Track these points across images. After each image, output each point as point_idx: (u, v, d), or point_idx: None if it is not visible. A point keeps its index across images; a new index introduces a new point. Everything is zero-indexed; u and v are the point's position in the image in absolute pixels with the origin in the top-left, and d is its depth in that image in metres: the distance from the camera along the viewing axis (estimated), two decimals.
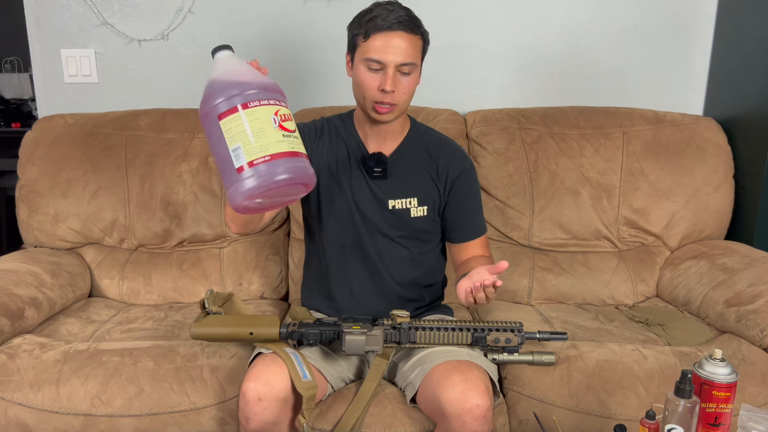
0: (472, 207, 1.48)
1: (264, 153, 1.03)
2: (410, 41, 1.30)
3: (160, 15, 2.04)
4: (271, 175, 1.03)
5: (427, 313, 1.50)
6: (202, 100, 1.11)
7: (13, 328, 1.49)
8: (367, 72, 1.32)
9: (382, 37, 1.29)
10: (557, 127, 1.91)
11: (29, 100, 3.79)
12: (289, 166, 1.04)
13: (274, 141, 1.04)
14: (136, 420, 1.35)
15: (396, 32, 1.29)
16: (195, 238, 1.88)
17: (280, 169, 1.03)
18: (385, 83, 1.29)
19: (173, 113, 1.95)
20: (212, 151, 1.11)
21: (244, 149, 1.03)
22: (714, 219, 1.90)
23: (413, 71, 1.33)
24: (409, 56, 1.30)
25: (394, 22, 1.29)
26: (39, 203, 1.86)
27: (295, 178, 1.05)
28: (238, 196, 1.05)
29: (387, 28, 1.29)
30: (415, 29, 1.32)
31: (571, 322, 1.67)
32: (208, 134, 1.10)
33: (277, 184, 1.04)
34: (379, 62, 1.30)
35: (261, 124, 1.04)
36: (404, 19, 1.30)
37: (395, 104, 1.33)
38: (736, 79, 1.97)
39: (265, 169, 1.03)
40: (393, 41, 1.29)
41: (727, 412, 1.02)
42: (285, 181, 1.04)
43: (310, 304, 1.55)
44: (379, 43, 1.29)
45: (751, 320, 1.47)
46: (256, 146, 1.03)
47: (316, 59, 2.07)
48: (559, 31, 2.07)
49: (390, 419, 1.30)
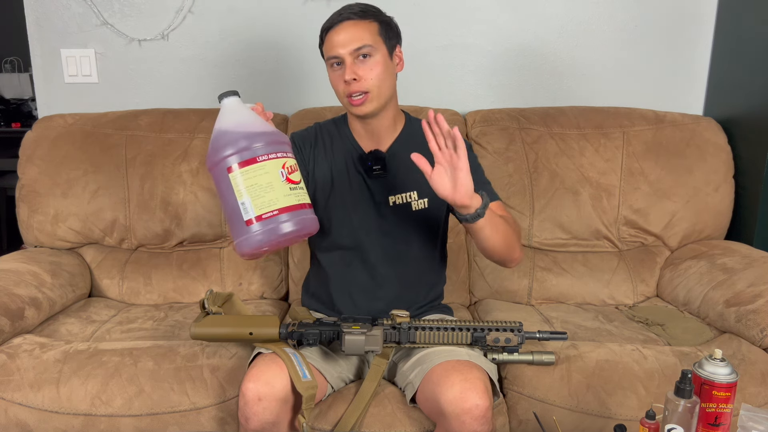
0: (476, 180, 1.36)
1: (272, 207, 1.07)
2: (359, 26, 1.33)
3: (160, 15, 2.04)
4: (279, 229, 1.07)
5: (426, 313, 1.50)
6: (210, 149, 1.13)
7: (13, 328, 1.49)
8: (332, 71, 1.35)
9: (332, 33, 1.34)
10: (557, 127, 1.91)
11: (29, 100, 3.79)
12: (296, 220, 1.09)
13: (282, 195, 1.08)
14: (136, 420, 1.35)
15: (342, 24, 1.33)
16: (195, 238, 1.88)
17: (288, 223, 1.08)
18: (345, 74, 1.31)
19: (173, 113, 1.95)
20: (221, 199, 1.14)
21: (253, 203, 1.07)
22: (714, 219, 1.90)
23: (372, 53, 1.33)
24: (360, 40, 1.31)
25: (339, 15, 1.34)
26: (39, 203, 1.86)
27: (301, 230, 1.11)
28: (245, 247, 1.09)
29: (333, 25, 1.34)
30: (364, 15, 1.34)
31: (571, 322, 1.67)
32: (217, 183, 1.13)
33: (284, 237, 1.09)
34: (335, 57, 1.33)
35: (269, 179, 1.07)
36: (352, 9, 1.34)
37: (366, 91, 1.33)
38: (736, 79, 1.97)
39: (273, 223, 1.07)
40: (340, 33, 1.32)
41: (727, 412, 1.01)
42: (292, 234, 1.10)
43: (310, 304, 1.55)
44: (332, 39, 1.33)
45: (751, 320, 1.47)
46: (265, 201, 1.07)
47: (316, 59, 2.04)
48: (559, 31, 2.07)
49: (390, 419, 1.30)
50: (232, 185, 1.08)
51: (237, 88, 2.06)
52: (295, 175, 1.13)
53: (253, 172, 1.07)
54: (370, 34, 1.33)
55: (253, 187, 1.07)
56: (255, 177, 1.07)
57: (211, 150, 1.11)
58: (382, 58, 1.34)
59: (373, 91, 1.34)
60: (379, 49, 1.34)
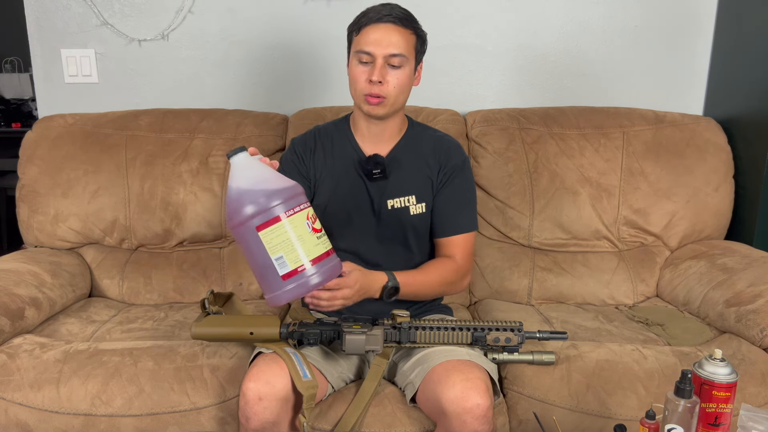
0: (458, 202, 1.45)
1: (307, 259, 1.11)
2: (400, 33, 1.32)
3: (160, 15, 2.04)
4: (313, 280, 1.11)
5: (427, 313, 1.50)
6: (232, 211, 1.12)
7: (14, 328, 1.49)
8: (358, 65, 1.34)
9: (372, 29, 1.32)
10: (557, 127, 1.92)
11: (29, 100, 3.79)
12: (326, 269, 1.13)
13: (312, 246, 1.12)
14: (137, 420, 1.35)
15: (386, 24, 1.32)
16: (195, 238, 1.88)
17: (319, 273, 1.12)
18: (373, 74, 1.31)
19: (173, 113, 1.95)
20: (248, 259, 1.15)
21: (287, 258, 1.10)
22: (714, 219, 1.90)
23: (404, 65, 1.33)
24: (399, 48, 1.31)
25: (385, 14, 1.32)
26: (39, 203, 1.86)
27: (331, 277, 1.15)
28: (282, 300, 1.13)
29: (377, 20, 1.32)
30: (407, 23, 1.34)
31: (571, 322, 1.67)
32: (243, 243, 1.13)
33: (318, 287, 1.13)
34: (368, 53, 1.32)
35: (300, 232, 1.10)
36: (396, 14, 1.33)
37: (384, 97, 1.33)
38: (736, 79, 1.97)
39: (308, 275, 1.11)
40: (382, 33, 1.31)
41: (727, 412, 1.02)
42: (323, 283, 1.14)
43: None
44: (369, 35, 1.32)
45: (751, 320, 1.47)
46: (299, 254, 1.10)
47: (316, 59, 2.07)
48: (559, 31, 2.07)
49: (390, 419, 1.30)
50: (263, 243, 1.10)
51: (237, 88, 2.09)
52: (317, 224, 1.16)
53: (284, 228, 1.09)
54: (407, 46, 1.33)
55: (287, 242, 1.09)
56: (287, 232, 1.10)
57: (233, 211, 1.11)
58: (409, 71, 1.35)
59: (390, 99, 1.34)
60: (409, 61, 1.35)
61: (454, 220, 1.45)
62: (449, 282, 1.44)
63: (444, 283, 1.43)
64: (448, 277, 1.43)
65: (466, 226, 1.46)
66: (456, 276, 1.44)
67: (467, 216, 1.46)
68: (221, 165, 1.87)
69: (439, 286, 1.43)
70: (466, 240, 1.45)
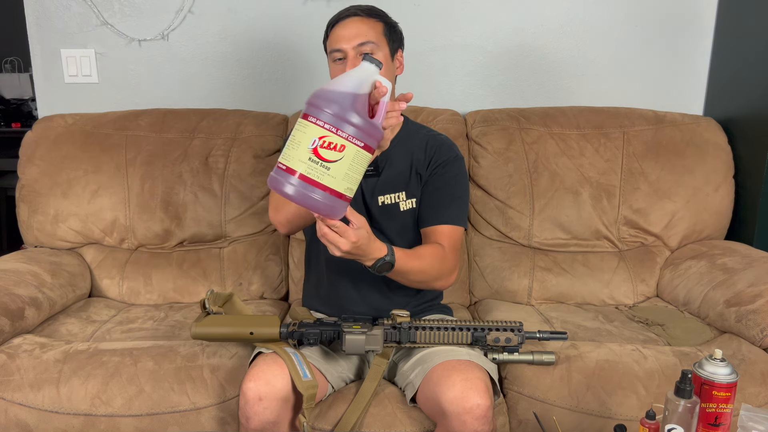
0: (446, 195, 1.42)
1: (285, 162, 1.06)
2: (365, 23, 1.35)
3: (160, 15, 2.04)
4: (277, 182, 1.05)
5: (426, 313, 1.50)
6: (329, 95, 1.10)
7: (14, 328, 1.49)
8: (335, 66, 1.36)
9: (338, 27, 1.36)
10: (557, 127, 1.92)
11: (29, 100, 3.79)
12: (295, 188, 1.04)
13: (297, 159, 1.05)
14: (137, 420, 1.35)
15: (349, 19, 1.36)
16: (195, 238, 1.88)
17: (285, 183, 1.05)
18: (346, 68, 1.32)
19: (173, 113, 1.95)
20: None
21: (284, 150, 1.07)
22: (714, 219, 1.90)
23: (375, 51, 1.34)
24: (365, 36, 1.34)
25: (347, 11, 1.37)
26: (39, 203, 1.86)
27: (292, 198, 1.06)
28: (268, 180, 1.08)
29: (340, 19, 1.36)
30: (370, 13, 1.37)
31: (571, 322, 1.67)
32: None
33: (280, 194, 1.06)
34: (339, 50, 1.34)
35: (301, 138, 1.06)
36: (360, 8, 1.37)
37: None
38: (736, 79, 1.97)
39: (278, 176, 1.06)
40: (346, 27, 1.35)
41: (727, 412, 1.01)
42: (283, 195, 1.06)
43: (310, 304, 1.56)
44: (336, 33, 1.36)
45: (751, 320, 1.47)
46: (286, 153, 1.06)
47: (316, 59, 2.06)
48: (559, 31, 2.07)
49: (390, 419, 1.30)
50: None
51: (237, 88, 2.09)
52: (329, 153, 1.05)
53: (300, 125, 1.07)
54: (375, 33, 1.35)
55: (291, 136, 1.07)
56: (295, 130, 1.07)
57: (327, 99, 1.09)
58: (383, 57, 1.35)
59: None
60: (382, 48, 1.35)
61: (440, 210, 1.41)
62: (438, 275, 1.37)
63: (434, 275, 1.36)
64: (438, 267, 1.36)
65: (454, 219, 1.41)
66: (444, 267, 1.37)
67: (455, 210, 1.42)
68: (221, 165, 1.87)
69: (430, 277, 1.37)
70: (452, 232, 1.41)
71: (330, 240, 1.14)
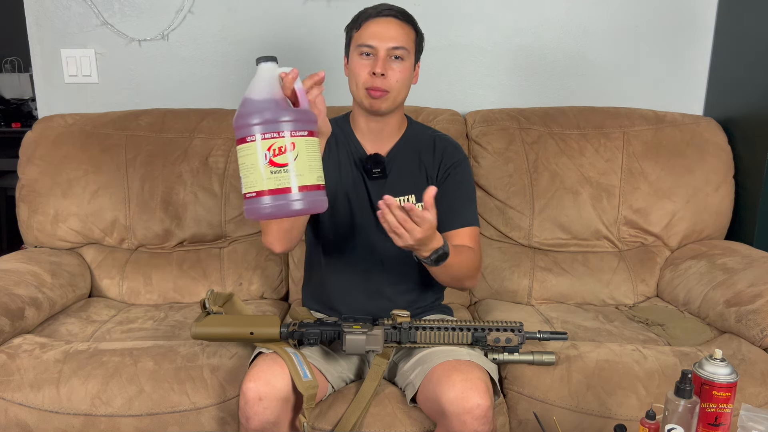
0: (462, 197, 1.45)
1: (251, 189, 1.05)
2: (402, 28, 1.34)
3: (160, 15, 2.04)
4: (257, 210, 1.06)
5: (427, 313, 1.50)
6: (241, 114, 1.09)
7: (14, 328, 1.49)
8: (360, 59, 1.35)
9: (373, 23, 1.34)
10: (557, 127, 1.92)
11: (29, 100, 3.79)
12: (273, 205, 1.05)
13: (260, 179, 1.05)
14: (137, 420, 1.35)
15: (387, 18, 1.34)
16: (195, 238, 1.88)
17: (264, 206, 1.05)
18: (375, 66, 1.32)
19: (173, 113, 1.95)
20: None
21: (243, 180, 1.07)
22: (714, 219, 1.90)
23: (406, 58, 1.34)
24: (401, 41, 1.33)
25: (385, 9, 1.35)
26: (39, 203, 1.86)
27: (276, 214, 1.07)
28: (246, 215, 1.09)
29: (377, 15, 1.35)
30: (407, 18, 1.36)
31: (571, 322, 1.67)
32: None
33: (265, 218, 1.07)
34: (370, 46, 1.33)
35: (252, 161, 1.05)
36: (398, 11, 1.36)
37: (387, 90, 1.34)
38: (736, 79, 1.97)
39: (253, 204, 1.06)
40: (383, 26, 1.33)
41: (727, 412, 1.02)
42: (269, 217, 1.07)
43: (310, 305, 1.56)
44: (371, 28, 1.34)
45: (751, 320, 1.47)
46: (247, 182, 1.06)
47: (316, 59, 2.06)
48: (559, 31, 2.07)
49: (390, 419, 1.30)
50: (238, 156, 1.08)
51: (237, 89, 2.09)
52: (282, 158, 1.06)
53: (241, 152, 1.06)
54: (408, 39, 1.35)
55: (243, 165, 1.06)
56: (241, 157, 1.06)
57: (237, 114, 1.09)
58: (410, 65, 1.36)
59: (393, 93, 1.35)
60: (410, 55, 1.36)
61: (459, 213, 1.44)
62: (472, 272, 1.40)
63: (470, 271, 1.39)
64: (473, 265, 1.40)
65: (472, 220, 1.45)
66: (474, 265, 1.41)
67: (471, 211, 1.46)
68: (221, 165, 1.87)
69: (468, 273, 1.38)
70: (473, 232, 1.44)
71: (408, 228, 1.14)
